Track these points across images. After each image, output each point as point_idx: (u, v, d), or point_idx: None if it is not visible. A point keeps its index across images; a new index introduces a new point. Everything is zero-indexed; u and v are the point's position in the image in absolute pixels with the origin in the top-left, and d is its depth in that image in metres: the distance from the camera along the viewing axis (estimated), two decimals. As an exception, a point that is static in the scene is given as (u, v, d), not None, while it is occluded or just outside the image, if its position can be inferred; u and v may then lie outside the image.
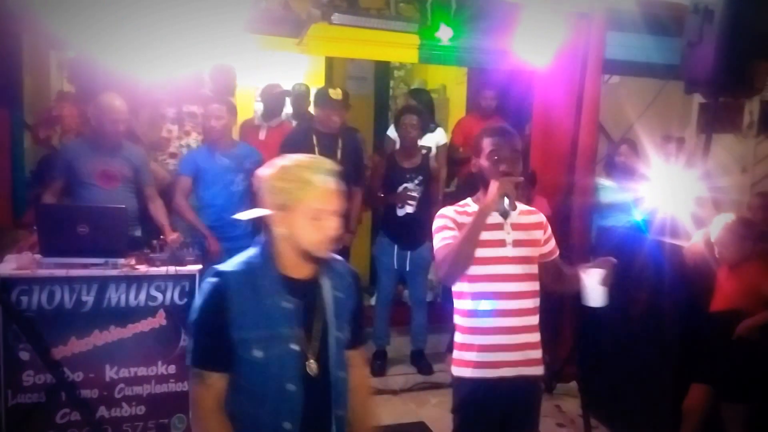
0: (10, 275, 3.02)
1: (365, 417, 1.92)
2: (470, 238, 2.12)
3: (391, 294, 4.57)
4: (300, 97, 5.06)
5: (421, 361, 4.57)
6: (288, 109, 5.21)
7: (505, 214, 2.27)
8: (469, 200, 2.35)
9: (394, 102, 6.93)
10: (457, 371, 2.32)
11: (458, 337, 2.32)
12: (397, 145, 4.69)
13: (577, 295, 2.33)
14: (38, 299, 3.04)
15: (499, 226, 2.26)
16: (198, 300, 1.71)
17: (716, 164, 4.74)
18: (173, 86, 4.40)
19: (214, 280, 1.68)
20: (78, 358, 3.11)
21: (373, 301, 4.76)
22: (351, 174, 4.13)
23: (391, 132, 5.05)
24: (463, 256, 2.13)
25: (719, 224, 3.21)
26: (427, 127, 4.79)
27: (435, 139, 5.04)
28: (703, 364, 3.23)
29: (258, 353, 1.64)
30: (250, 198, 3.89)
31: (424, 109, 4.92)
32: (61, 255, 3.11)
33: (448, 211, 2.30)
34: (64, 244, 3.11)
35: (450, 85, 6.95)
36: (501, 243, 2.25)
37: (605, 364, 3.95)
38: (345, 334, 1.78)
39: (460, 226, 2.22)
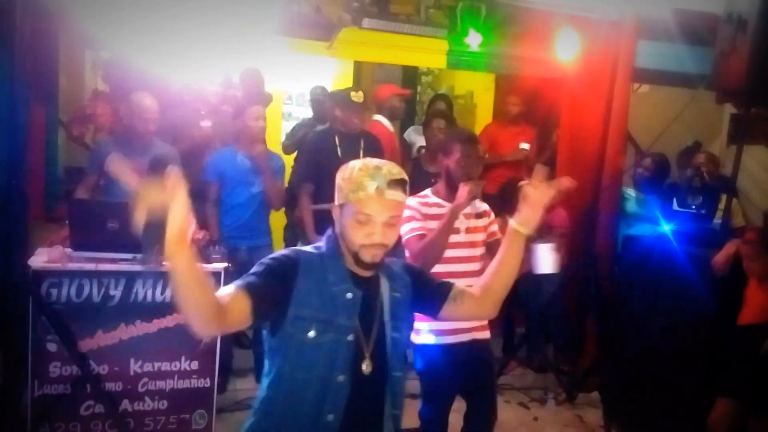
0: (41, 268, 3.08)
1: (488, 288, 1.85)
2: (443, 235, 2.54)
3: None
4: (317, 100, 5.09)
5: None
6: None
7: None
8: (428, 191, 2.73)
9: (421, 107, 6.93)
10: (420, 339, 2.69)
11: None
12: (414, 149, 4.71)
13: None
14: (67, 292, 3.10)
15: None
16: (272, 255, 1.70)
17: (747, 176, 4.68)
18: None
19: (290, 252, 1.72)
20: (104, 351, 3.16)
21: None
22: None
23: (408, 135, 5.07)
24: (437, 249, 2.55)
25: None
26: (454, 133, 4.81)
27: None
28: (730, 378, 3.16)
29: (312, 334, 1.62)
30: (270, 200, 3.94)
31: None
32: (91, 249, 3.16)
33: (411, 201, 2.59)
34: (94, 238, 3.16)
35: (477, 91, 6.93)
36: (456, 230, 2.63)
37: (628, 375, 3.89)
38: (402, 335, 1.77)
39: (424, 215, 2.61)
